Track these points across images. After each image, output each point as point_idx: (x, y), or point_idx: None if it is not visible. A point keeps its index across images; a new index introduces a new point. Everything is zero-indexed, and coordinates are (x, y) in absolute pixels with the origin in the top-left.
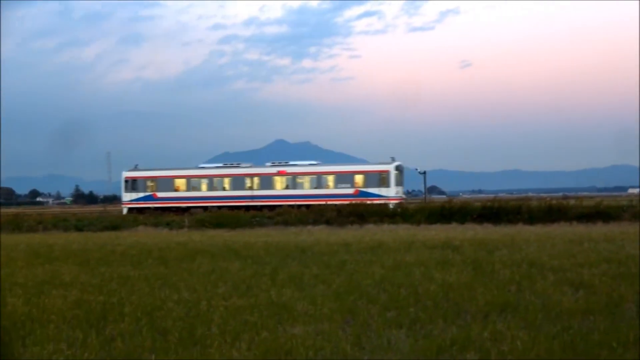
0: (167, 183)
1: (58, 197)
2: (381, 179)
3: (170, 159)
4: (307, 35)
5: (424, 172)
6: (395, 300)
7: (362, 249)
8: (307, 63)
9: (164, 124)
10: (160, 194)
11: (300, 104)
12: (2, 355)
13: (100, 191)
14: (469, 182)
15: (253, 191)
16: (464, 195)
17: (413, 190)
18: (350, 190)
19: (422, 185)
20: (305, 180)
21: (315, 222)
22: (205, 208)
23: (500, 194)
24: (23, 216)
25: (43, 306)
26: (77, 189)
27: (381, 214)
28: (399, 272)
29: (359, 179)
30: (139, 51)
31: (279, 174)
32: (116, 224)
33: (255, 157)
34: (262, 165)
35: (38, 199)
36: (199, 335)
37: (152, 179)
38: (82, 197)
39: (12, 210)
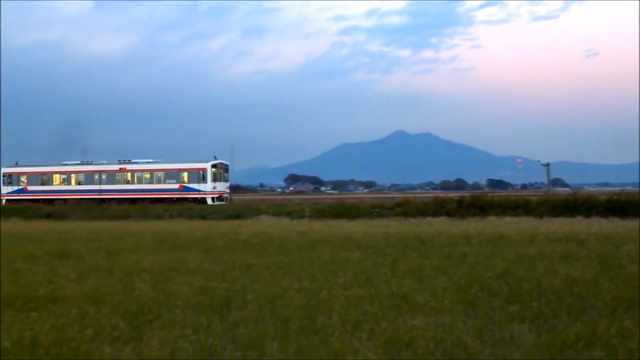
0: (35, 178)
1: None
2: (200, 176)
3: (289, 149)
4: (427, 25)
5: (547, 164)
6: (518, 294)
7: (483, 241)
8: (427, 54)
9: (286, 115)
10: (30, 188)
11: (421, 95)
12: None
13: None
14: (595, 175)
15: (101, 186)
16: (589, 188)
17: (536, 183)
18: (176, 186)
19: (545, 177)
20: (142, 177)
21: (435, 214)
22: (65, 200)
23: (628, 187)
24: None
25: (169, 292)
26: None
27: (502, 206)
28: (521, 266)
29: (183, 175)
30: (262, 43)
31: (121, 170)
32: (239, 212)
33: (375, 148)
34: (110, 162)
35: None
36: (320, 324)
37: (24, 174)
38: None
39: None
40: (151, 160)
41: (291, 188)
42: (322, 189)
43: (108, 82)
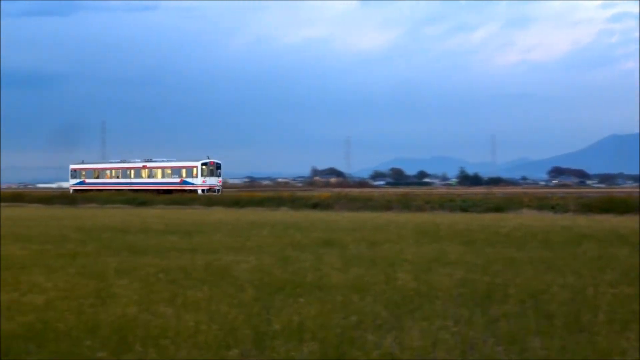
0: (90, 173)
1: (444, 178)
2: (193, 171)
3: (553, 141)
4: None
5: None
6: None
7: None
8: None
9: (549, 106)
10: (87, 180)
11: None
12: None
13: (485, 173)
14: None
15: (130, 179)
16: None
17: None
18: (178, 180)
19: None
20: (156, 172)
21: None
22: (109, 190)
23: None
24: (412, 196)
25: (430, 283)
26: (462, 171)
27: None
28: None
29: (183, 171)
30: (525, 33)
31: (144, 167)
32: (500, 206)
33: None
34: (140, 161)
35: (425, 179)
36: (585, 321)
37: (84, 169)
38: (467, 179)
39: (401, 190)
40: (165, 159)
41: (555, 181)
42: (588, 182)
43: (371, 76)
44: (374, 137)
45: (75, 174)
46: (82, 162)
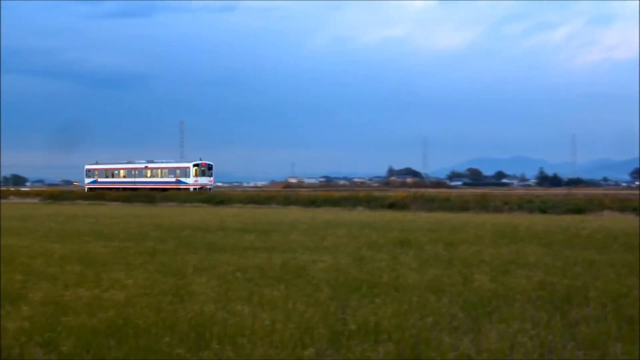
0: (102, 172)
1: (522, 179)
2: (186, 171)
3: (637, 141)
4: None
5: None
6: None
7: None
8: None
9: (631, 106)
10: (100, 180)
11: None
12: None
13: (565, 174)
14: None
15: (135, 178)
16: None
17: None
18: (174, 179)
19: None
20: (155, 172)
21: None
22: (117, 189)
23: None
24: (489, 197)
25: (508, 285)
26: (541, 172)
27: None
28: None
29: (178, 172)
30: (609, 31)
31: (145, 168)
32: (580, 207)
33: None
34: (143, 162)
35: (503, 180)
36: None
37: (97, 170)
38: (546, 180)
39: (479, 190)
40: (163, 161)
41: (637, 183)
42: None
43: (449, 75)
44: (451, 137)
45: (89, 173)
46: (97, 163)
